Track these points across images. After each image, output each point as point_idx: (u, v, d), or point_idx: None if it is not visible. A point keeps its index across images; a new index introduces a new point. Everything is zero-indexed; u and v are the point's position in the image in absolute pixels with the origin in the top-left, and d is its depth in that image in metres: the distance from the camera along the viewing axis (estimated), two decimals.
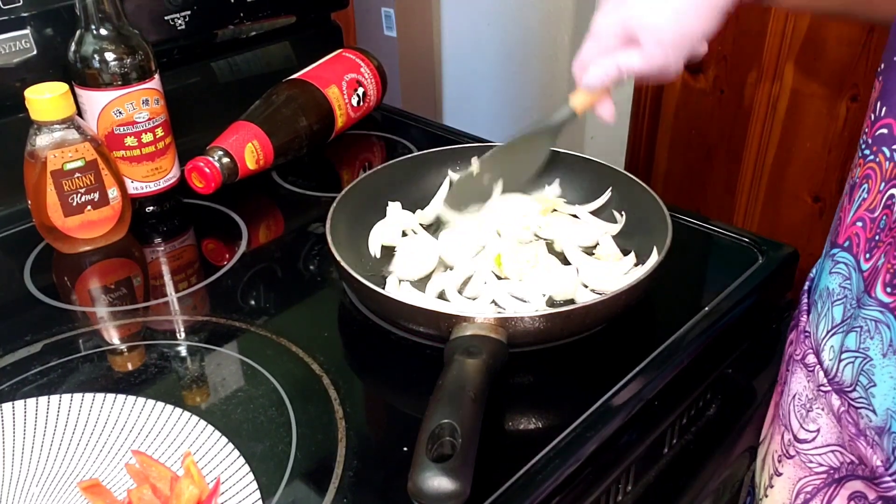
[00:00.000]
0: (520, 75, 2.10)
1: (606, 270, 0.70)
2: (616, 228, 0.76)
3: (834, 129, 1.24)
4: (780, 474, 0.57)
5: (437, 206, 0.79)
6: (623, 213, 0.77)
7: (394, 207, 0.78)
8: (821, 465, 0.52)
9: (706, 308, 0.68)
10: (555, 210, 0.79)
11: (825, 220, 1.29)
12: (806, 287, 0.60)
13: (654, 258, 0.67)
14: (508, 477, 0.52)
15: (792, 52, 1.23)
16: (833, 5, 0.63)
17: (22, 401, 0.58)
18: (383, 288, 0.64)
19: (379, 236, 0.75)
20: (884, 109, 0.47)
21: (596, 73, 0.60)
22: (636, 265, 0.71)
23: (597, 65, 0.60)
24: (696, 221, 0.81)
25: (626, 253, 0.73)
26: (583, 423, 0.56)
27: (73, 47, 0.76)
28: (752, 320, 0.72)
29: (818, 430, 0.52)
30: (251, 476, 0.51)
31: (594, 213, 0.79)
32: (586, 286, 0.69)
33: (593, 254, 0.74)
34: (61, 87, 0.72)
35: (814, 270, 0.59)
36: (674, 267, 0.65)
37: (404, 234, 0.77)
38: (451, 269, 0.72)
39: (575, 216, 0.78)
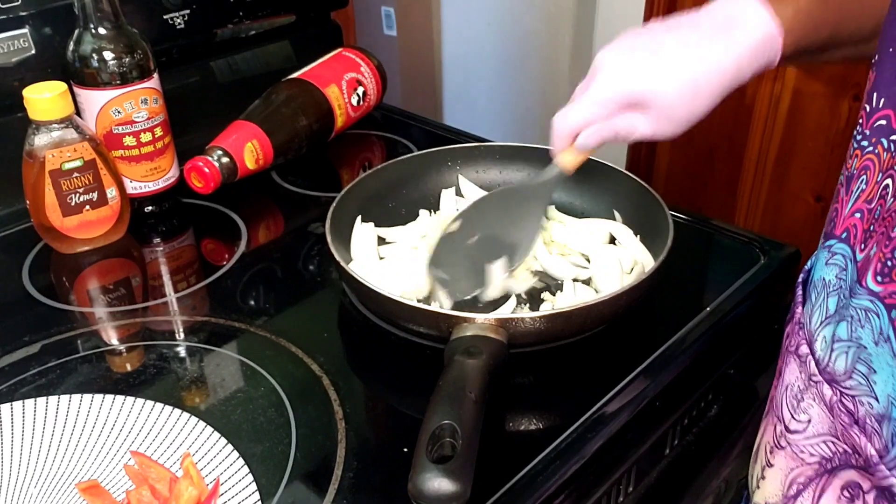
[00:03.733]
0: (520, 75, 2.10)
1: (607, 270, 0.70)
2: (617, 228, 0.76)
3: (836, 128, 1.23)
4: (771, 465, 0.57)
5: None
6: (622, 212, 0.76)
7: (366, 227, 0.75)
8: (812, 455, 0.52)
9: (708, 308, 0.68)
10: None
11: None
12: (801, 279, 0.60)
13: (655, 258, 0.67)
14: (509, 478, 0.52)
15: None
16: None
17: (20, 402, 0.57)
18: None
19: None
20: (882, 101, 0.46)
21: (592, 137, 0.61)
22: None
23: (593, 128, 0.60)
24: (697, 221, 0.81)
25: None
26: (584, 423, 0.56)
27: (71, 46, 0.75)
28: (753, 320, 0.72)
29: (809, 421, 0.52)
30: (250, 477, 0.51)
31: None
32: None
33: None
34: (60, 86, 0.72)
35: (809, 262, 0.59)
36: (675, 267, 0.65)
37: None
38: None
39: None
